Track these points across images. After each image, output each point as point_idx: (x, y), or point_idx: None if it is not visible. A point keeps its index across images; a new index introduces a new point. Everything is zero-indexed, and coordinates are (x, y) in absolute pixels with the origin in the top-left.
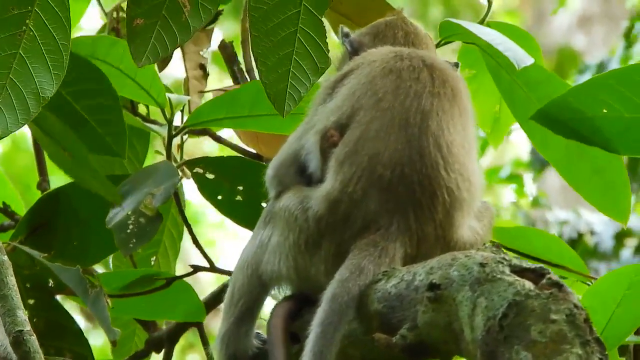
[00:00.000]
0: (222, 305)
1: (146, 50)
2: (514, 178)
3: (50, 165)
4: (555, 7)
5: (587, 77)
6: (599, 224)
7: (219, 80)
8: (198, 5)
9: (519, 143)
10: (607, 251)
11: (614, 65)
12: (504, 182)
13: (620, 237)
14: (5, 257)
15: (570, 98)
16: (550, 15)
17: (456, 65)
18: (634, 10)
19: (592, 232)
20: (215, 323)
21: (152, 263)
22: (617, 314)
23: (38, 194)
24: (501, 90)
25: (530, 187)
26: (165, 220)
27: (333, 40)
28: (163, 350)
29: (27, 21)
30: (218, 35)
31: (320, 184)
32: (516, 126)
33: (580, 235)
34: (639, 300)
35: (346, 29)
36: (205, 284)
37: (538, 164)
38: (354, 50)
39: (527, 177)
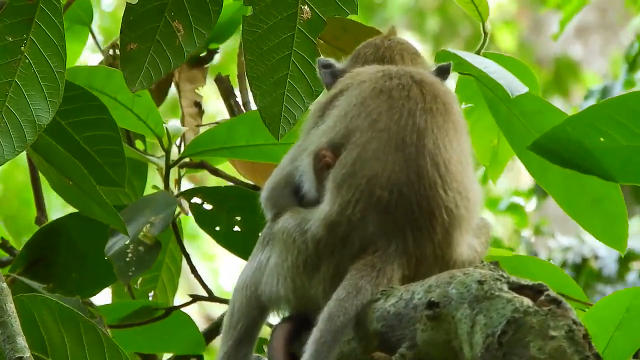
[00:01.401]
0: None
1: (140, 75)
2: (514, 208)
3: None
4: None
5: (592, 102)
6: (602, 249)
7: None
8: (192, 29)
9: (520, 172)
10: (612, 275)
11: (618, 89)
12: (504, 214)
13: (625, 260)
14: (5, 285)
15: (567, 127)
16: (553, 40)
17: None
18: (637, 30)
19: (596, 257)
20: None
21: (150, 299)
22: (616, 337)
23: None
24: (498, 121)
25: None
26: (163, 256)
27: None
28: None
29: (23, 49)
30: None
31: (317, 204)
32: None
33: (585, 260)
34: (638, 324)
35: (324, 60)
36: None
37: (541, 192)
38: (333, 80)
39: (530, 204)
